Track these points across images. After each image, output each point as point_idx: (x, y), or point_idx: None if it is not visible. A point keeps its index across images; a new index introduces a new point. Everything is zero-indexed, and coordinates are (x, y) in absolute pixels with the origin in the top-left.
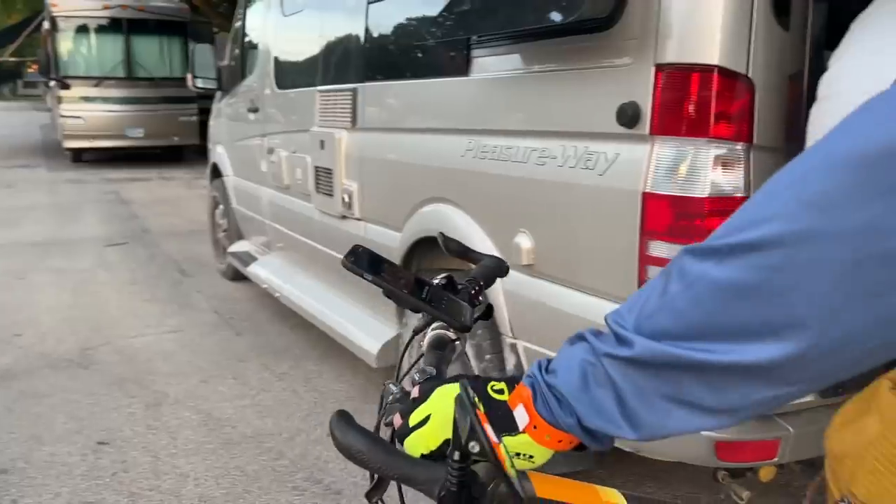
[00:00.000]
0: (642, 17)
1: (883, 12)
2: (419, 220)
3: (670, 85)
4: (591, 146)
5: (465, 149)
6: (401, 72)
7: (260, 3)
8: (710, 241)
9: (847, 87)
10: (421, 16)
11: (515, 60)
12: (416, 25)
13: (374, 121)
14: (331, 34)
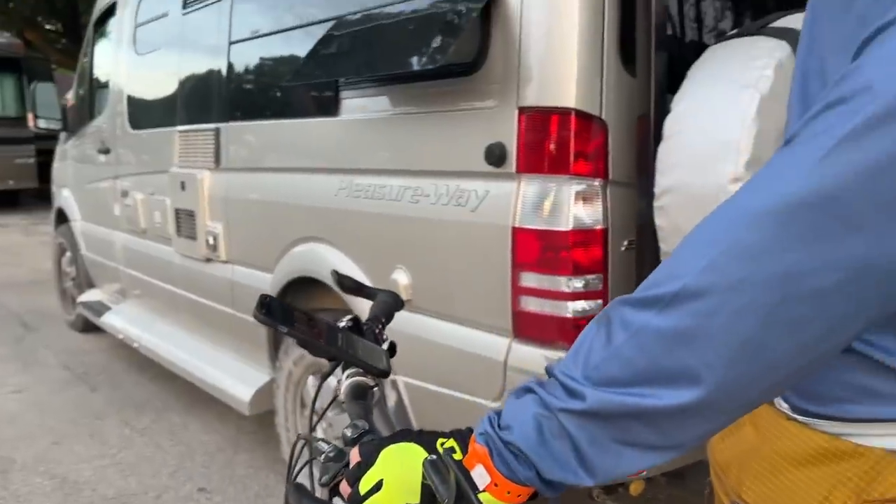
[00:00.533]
0: (504, 63)
1: (713, 60)
2: (291, 260)
3: (532, 127)
4: (462, 184)
5: (338, 188)
6: (268, 111)
7: (109, 41)
8: (645, 292)
9: (688, 127)
10: (288, 56)
11: (385, 102)
12: (283, 66)
13: (240, 161)
14: (191, 73)
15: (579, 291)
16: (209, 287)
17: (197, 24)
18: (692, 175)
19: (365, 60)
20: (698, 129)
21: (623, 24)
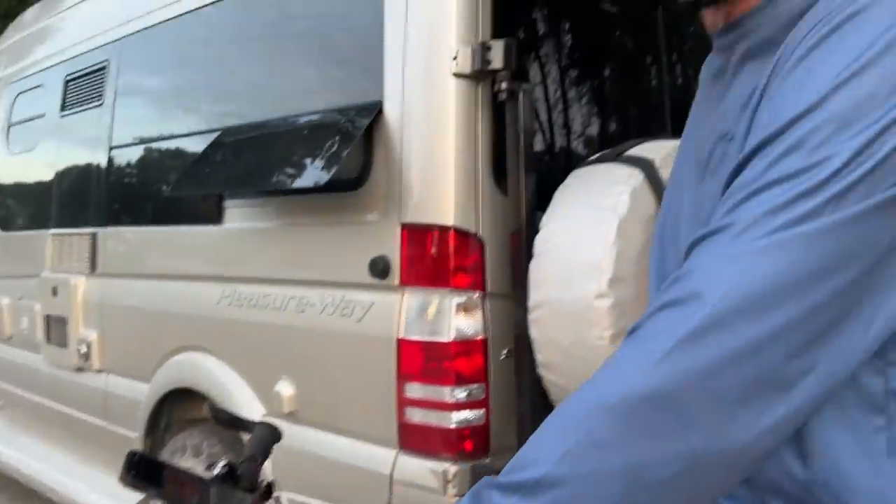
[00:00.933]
0: (387, 180)
1: (576, 184)
2: (170, 369)
3: (414, 242)
4: (347, 295)
5: (221, 296)
6: (149, 217)
7: None
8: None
9: (555, 246)
10: (171, 163)
11: (271, 212)
12: (166, 171)
13: (118, 266)
14: (67, 176)
15: (462, 401)
16: (80, 398)
17: (76, 127)
18: (561, 291)
19: (250, 176)
20: (565, 249)
21: (495, 146)
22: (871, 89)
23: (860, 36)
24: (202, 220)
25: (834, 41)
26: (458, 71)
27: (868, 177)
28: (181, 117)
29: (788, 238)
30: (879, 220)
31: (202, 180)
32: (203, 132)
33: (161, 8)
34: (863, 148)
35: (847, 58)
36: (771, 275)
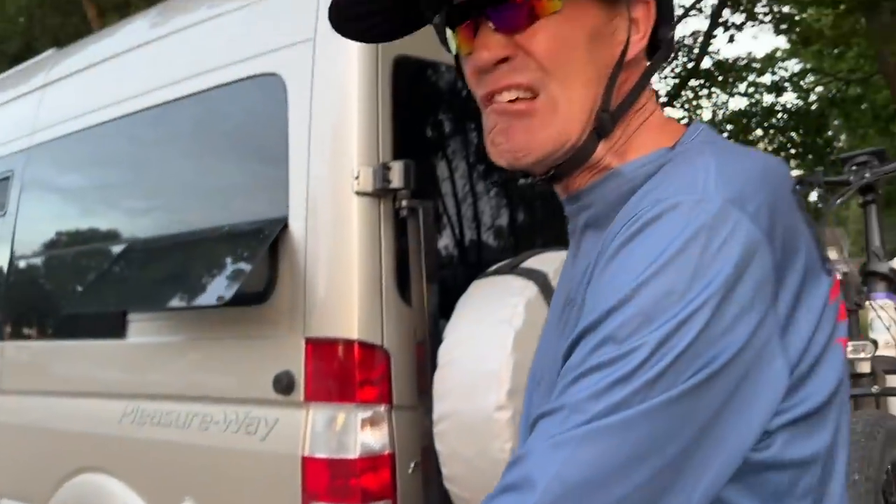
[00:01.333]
0: (291, 294)
1: (476, 296)
2: (69, 492)
3: (319, 356)
4: (252, 412)
5: (123, 414)
6: (48, 330)
7: None
8: None
9: (457, 357)
10: (73, 276)
11: (175, 326)
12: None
13: (17, 383)
14: None
15: None
16: None
17: None
18: (463, 402)
19: (154, 291)
20: (466, 360)
21: (399, 259)
22: (668, 287)
23: (659, 239)
24: (105, 334)
25: (638, 242)
26: (360, 189)
27: (672, 366)
28: (85, 229)
29: (605, 426)
30: (688, 405)
31: (105, 295)
32: (108, 244)
33: (66, 121)
34: (664, 340)
35: (648, 258)
36: (591, 462)
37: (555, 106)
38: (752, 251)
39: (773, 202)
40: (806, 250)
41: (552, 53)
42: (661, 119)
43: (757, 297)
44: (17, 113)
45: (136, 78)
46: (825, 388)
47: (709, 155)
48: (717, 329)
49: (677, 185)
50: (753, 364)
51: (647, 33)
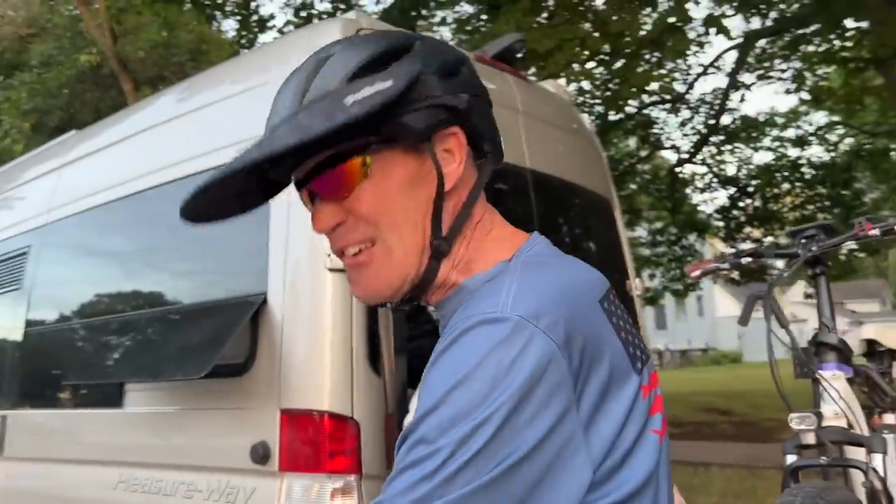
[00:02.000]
0: (268, 367)
1: None
2: None
3: (292, 426)
4: (232, 480)
5: (117, 481)
6: (55, 400)
7: None
8: None
9: None
10: (77, 348)
11: (165, 396)
12: (71, 356)
13: (25, 450)
14: None
15: None
16: None
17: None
18: None
19: (143, 364)
20: None
21: (369, 331)
22: (469, 395)
23: (465, 353)
24: (104, 403)
25: (449, 354)
26: (332, 266)
27: (470, 463)
28: (89, 303)
29: None
30: (490, 497)
31: (103, 366)
32: (108, 318)
33: (77, 200)
34: (464, 439)
35: (456, 370)
36: None
37: (390, 250)
38: (545, 360)
39: (572, 316)
40: (611, 355)
41: (375, 210)
42: (501, 230)
43: (553, 399)
44: (37, 191)
45: (138, 161)
46: (639, 474)
47: (517, 274)
48: (513, 429)
49: (485, 303)
50: (555, 457)
51: (462, 159)
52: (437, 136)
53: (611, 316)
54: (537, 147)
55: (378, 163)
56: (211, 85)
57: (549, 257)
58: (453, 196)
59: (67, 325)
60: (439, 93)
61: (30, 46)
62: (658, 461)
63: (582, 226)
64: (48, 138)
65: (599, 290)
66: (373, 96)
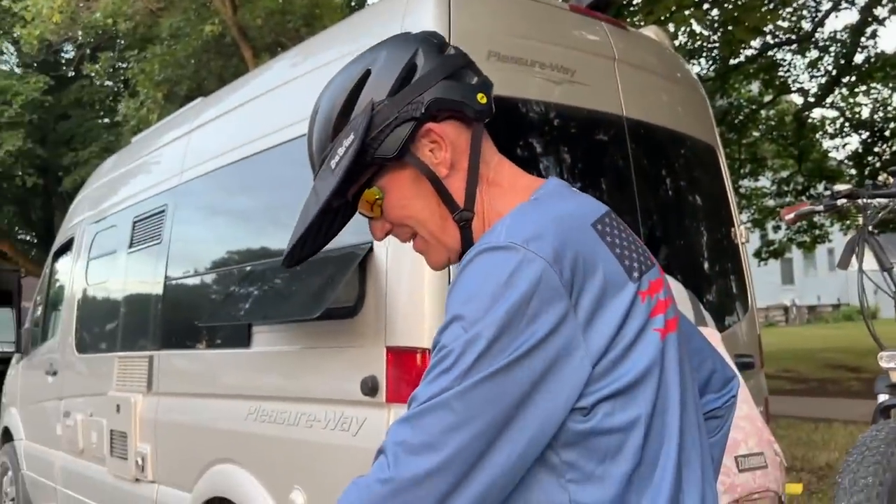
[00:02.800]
0: (374, 309)
1: None
2: (208, 480)
3: (397, 363)
4: (346, 411)
5: (248, 413)
6: (194, 341)
7: (65, 271)
8: None
9: None
10: (210, 294)
11: (287, 337)
12: (206, 302)
13: (169, 386)
14: (131, 304)
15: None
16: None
17: (139, 263)
18: None
19: (266, 307)
20: None
21: None
22: (475, 308)
23: (472, 276)
24: (235, 343)
25: (461, 278)
26: None
27: (479, 358)
28: (218, 255)
29: (431, 405)
30: (499, 384)
31: (233, 310)
32: (235, 268)
33: (207, 161)
34: (471, 342)
35: (466, 289)
36: (424, 429)
37: (428, 238)
38: (536, 275)
39: (562, 237)
40: (605, 268)
41: (401, 216)
42: (514, 180)
43: (547, 307)
44: (170, 155)
45: (259, 123)
46: (637, 368)
47: (515, 211)
48: (514, 331)
49: (486, 238)
50: (556, 354)
51: (448, 142)
52: (413, 146)
53: (604, 236)
54: (635, 95)
55: (385, 184)
56: (321, 48)
57: (547, 196)
58: (456, 172)
59: (201, 275)
60: (395, 114)
61: (160, 20)
62: (662, 354)
63: (683, 173)
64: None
65: (592, 216)
66: (344, 155)
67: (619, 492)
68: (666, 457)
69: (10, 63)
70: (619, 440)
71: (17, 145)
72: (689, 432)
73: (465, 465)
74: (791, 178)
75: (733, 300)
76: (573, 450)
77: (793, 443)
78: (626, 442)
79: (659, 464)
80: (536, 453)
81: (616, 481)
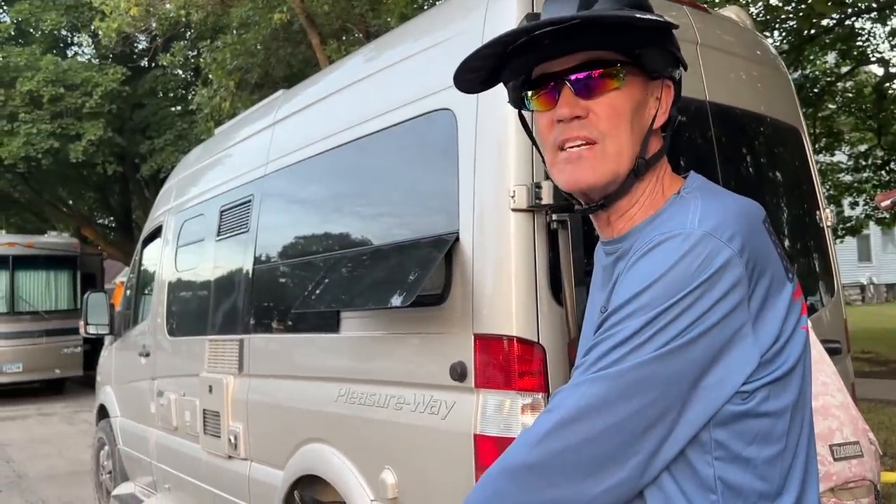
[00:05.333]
0: (462, 296)
1: None
2: (299, 458)
3: (485, 350)
4: (435, 395)
5: (338, 395)
6: (283, 326)
7: (154, 258)
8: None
9: None
10: (299, 281)
11: (375, 323)
12: (296, 288)
13: (260, 368)
14: (220, 290)
15: None
16: (230, 483)
17: (228, 250)
18: None
19: (356, 294)
20: None
21: (551, 265)
22: (662, 289)
23: (660, 259)
24: (325, 328)
25: (646, 259)
26: (516, 206)
27: (657, 334)
28: (305, 243)
29: (603, 375)
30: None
31: (323, 297)
32: (324, 255)
33: (292, 152)
34: (653, 318)
35: (652, 271)
36: (595, 395)
37: (605, 155)
38: (724, 265)
39: (746, 232)
40: (773, 267)
41: (610, 119)
42: (670, 175)
43: (729, 295)
44: (254, 146)
45: (340, 117)
46: (791, 359)
47: (697, 200)
48: (691, 316)
49: (674, 223)
50: (728, 339)
51: (667, 109)
52: (660, 81)
53: (770, 234)
54: (717, 78)
55: (627, 81)
56: (397, 44)
57: (714, 188)
58: (653, 136)
59: (289, 263)
60: (676, 48)
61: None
62: (805, 349)
63: (768, 156)
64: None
65: (761, 213)
66: (656, 20)
67: (763, 474)
68: (801, 444)
69: (88, 55)
70: (769, 424)
71: (97, 134)
72: (811, 423)
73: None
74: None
75: (820, 284)
76: (725, 429)
77: (874, 427)
78: (775, 427)
79: (798, 450)
80: (698, 428)
81: (761, 462)
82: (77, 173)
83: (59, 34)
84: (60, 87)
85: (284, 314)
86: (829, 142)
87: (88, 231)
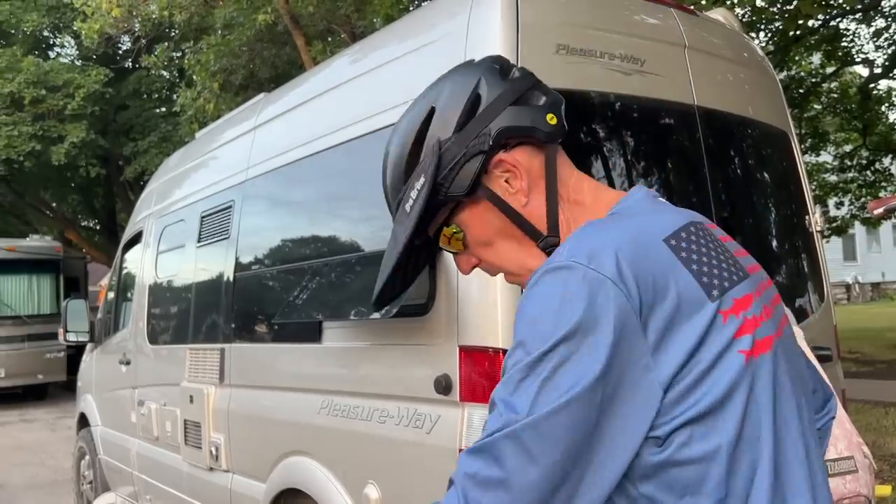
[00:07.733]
0: (447, 307)
1: None
2: (282, 471)
3: (470, 362)
4: (419, 408)
5: (320, 406)
6: (265, 335)
7: (134, 264)
8: None
9: None
10: (281, 289)
11: (358, 333)
12: (277, 296)
13: (241, 378)
14: (202, 297)
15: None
16: (211, 495)
17: (208, 257)
18: None
19: (338, 304)
20: None
21: None
22: (538, 334)
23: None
24: (307, 338)
25: (522, 305)
26: None
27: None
28: (287, 250)
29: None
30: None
31: (304, 306)
32: (306, 263)
33: (273, 157)
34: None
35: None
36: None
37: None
38: (596, 293)
39: (628, 256)
40: (678, 287)
41: (488, 254)
42: (595, 195)
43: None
44: (235, 151)
45: (323, 120)
46: (715, 394)
47: (580, 230)
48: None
49: (553, 256)
50: (626, 378)
51: (523, 170)
52: (486, 179)
53: (679, 251)
54: (705, 82)
55: (464, 220)
56: (381, 46)
57: (625, 210)
58: (535, 198)
59: (270, 270)
60: (463, 150)
61: (214, 11)
62: (748, 379)
63: (756, 160)
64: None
65: (666, 230)
66: (417, 198)
67: None
68: (759, 489)
69: (70, 56)
70: (699, 472)
71: (80, 137)
72: (791, 461)
73: (537, 500)
74: (855, 152)
75: (810, 290)
76: (650, 483)
77: (861, 429)
78: (707, 474)
79: (751, 498)
80: (612, 485)
81: None
82: (60, 176)
83: (40, 35)
84: (42, 89)
85: (266, 323)
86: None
87: (72, 234)
